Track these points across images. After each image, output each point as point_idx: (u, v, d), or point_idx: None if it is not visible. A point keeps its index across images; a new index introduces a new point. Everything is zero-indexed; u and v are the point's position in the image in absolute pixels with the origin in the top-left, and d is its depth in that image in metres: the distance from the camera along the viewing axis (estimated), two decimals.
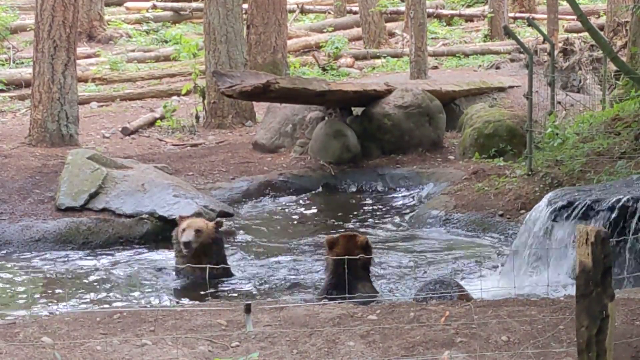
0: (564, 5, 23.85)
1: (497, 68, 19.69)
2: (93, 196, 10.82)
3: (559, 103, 14.21)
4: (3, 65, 22.28)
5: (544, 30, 19.43)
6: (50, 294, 8.64)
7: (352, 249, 7.39)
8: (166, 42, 24.96)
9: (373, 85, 14.43)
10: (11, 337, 5.59)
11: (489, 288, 7.68)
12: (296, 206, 12.28)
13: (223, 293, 8.56)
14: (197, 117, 16.94)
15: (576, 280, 4.21)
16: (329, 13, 28.69)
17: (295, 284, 8.76)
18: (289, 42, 21.51)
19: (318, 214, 11.96)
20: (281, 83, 12.70)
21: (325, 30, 25.62)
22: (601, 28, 18.97)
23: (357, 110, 14.10)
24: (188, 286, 8.82)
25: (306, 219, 11.72)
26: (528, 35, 23.48)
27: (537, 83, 13.30)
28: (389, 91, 13.92)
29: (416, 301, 6.86)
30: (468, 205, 11.05)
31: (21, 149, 14.07)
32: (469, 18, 27.99)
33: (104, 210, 10.70)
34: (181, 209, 10.48)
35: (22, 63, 22.20)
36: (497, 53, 22.13)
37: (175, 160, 13.86)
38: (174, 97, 19.14)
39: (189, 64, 19.98)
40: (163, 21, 27.19)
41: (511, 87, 16.63)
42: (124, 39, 25.20)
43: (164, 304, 7.93)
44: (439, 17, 27.70)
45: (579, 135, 11.47)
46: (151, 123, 17.16)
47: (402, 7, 26.21)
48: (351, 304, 6.44)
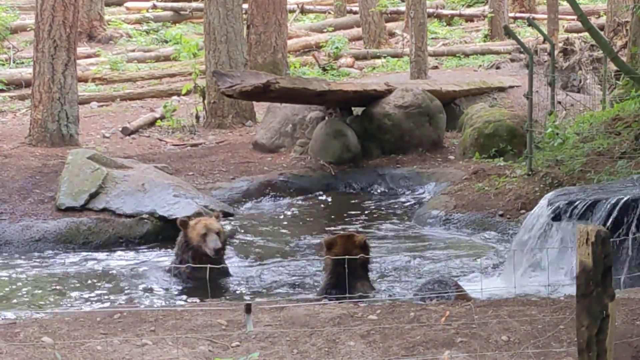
0: (564, 5, 23.84)
1: (498, 68, 19.69)
2: (93, 196, 10.82)
3: (559, 103, 14.20)
4: (3, 65, 22.28)
5: (544, 30, 19.43)
6: (50, 294, 8.64)
7: (351, 249, 7.43)
8: (166, 42, 24.96)
9: (373, 85, 14.43)
10: (11, 337, 5.59)
11: (489, 288, 7.69)
12: (296, 206, 12.28)
13: (223, 293, 8.56)
14: (197, 117, 16.94)
15: (576, 280, 4.21)
16: (329, 13, 28.69)
17: (295, 284, 8.76)
18: (289, 42, 21.50)
19: (318, 214, 11.96)
20: (281, 83, 12.70)
21: (325, 30, 25.62)
22: (601, 28, 18.96)
23: (357, 110, 14.10)
24: (188, 286, 8.82)
25: (306, 219, 11.71)
26: (528, 35, 23.48)
27: (538, 83, 13.30)
28: (389, 91, 13.92)
29: (415, 301, 6.87)
30: (468, 205, 11.05)
31: (21, 149, 14.07)
32: (469, 18, 28.00)
33: (104, 210, 10.70)
34: (181, 209, 10.48)
35: (22, 63, 22.21)
36: (498, 53, 22.13)
37: (175, 160, 13.86)
38: (174, 97, 19.14)
39: (189, 64, 19.98)
40: (163, 21, 27.20)
41: (511, 87, 16.63)
42: (124, 39, 25.20)
43: (165, 304, 7.93)
44: (439, 17, 27.71)
45: (579, 135, 11.46)
46: (151, 123, 17.17)
47: (402, 7, 26.22)
48: (351, 304, 6.44)
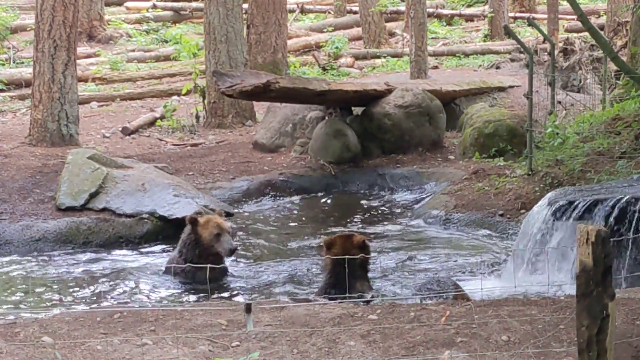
0: (564, 5, 23.85)
1: (497, 68, 19.70)
2: (93, 196, 10.82)
3: (559, 103, 14.21)
4: (3, 65, 22.28)
5: (544, 30, 19.43)
6: (50, 294, 8.63)
7: (350, 249, 7.44)
8: (166, 42, 24.97)
9: (373, 85, 14.43)
10: (12, 337, 5.59)
11: (489, 288, 7.69)
12: (296, 206, 12.28)
13: (223, 293, 8.56)
14: (197, 117, 16.94)
15: (577, 279, 4.21)
16: (329, 13, 28.69)
17: (295, 284, 8.76)
18: (289, 42, 21.51)
19: (318, 214, 11.96)
20: (281, 83, 12.70)
21: (325, 30, 25.62)
22: (601, 28, 18.97)
23: (357, 109, 14.10)
24: (188, 286, 8.82)
25: (306, 219, 11.71)
26: (528, 35, 23.48)
27: (538, 83, 13.31)
28: (389, 91, 13.92)
29: (414, 301, 6.87)
30: (468, 205, 11.05)
31: (21, 149, 14.07)
32: (469, 18, 28.01)
33: (104, 209, 10.69)
34: (181, 209, 10.48)
35: (22, 63, 22.21)
36: (497, 53, 22.13)
37: (175, 159, 13.86)
38: (174, 97, 19.14)
39: (189, 64, 19.98)
40: (163, 21, 27.20)
41: (511, 87, 16.63)
42: (124, 39, 25.21)
43: (165, 304, 7.92)
44: (439, 17, 27.72)
45: (579, 134, 11.46)
46: (151, 123, 17.17)
47: (402, 7, 26.22)
48: (351, 304, 6.44)
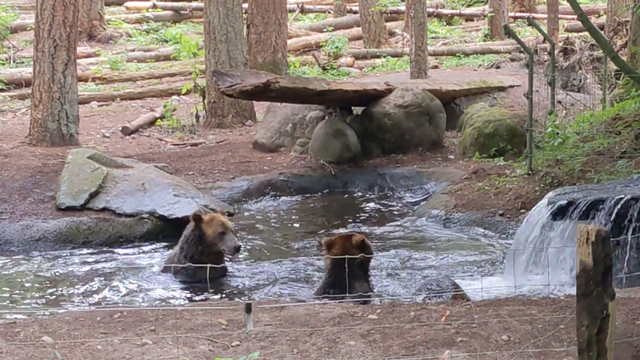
0: (564, 4, 23.85)
1: (498, 67, 19.70)
2: (93, 195, 10.82)
3: (560, 102, 14.21)
4: (3, 64, 22.28)
5: (544, 29, 19.43)
6: (50, 294, 8.63)
7: (349, 249, 7.43)
8: (166, 42, 24.97)
9: (373, 84, 14.43)
10: (12, 337, 5.59)
11: (489, 287, 7.69)
12: (296, 206, 12.28)
13: (223, 292, 8.56)
14: (197, 117, 16.94)
15: (577, 279, 4.21)
16: (329, 12, 28.69)
17: (295, 284, 8.76)
18: (289, 42, 21.50)
19: (318, 214, 11.96)
20: (281, 82, 12.70)
21: (325, 29, 25.62)
22: (601, 27, 18.96)
23: (358, 109, 14.09)
24: (188, 285, 8.82)
25: (306, 219, 11.71)
26: (528, 34, 23.47)
27: (538, 82, 13.30)
28: (389, 90, 13.91)
29: (413, 301, 6.87)
30: (468, 204, 11.05)
31: (21, 149, 14.07)
32: (469, 17, 28.00)
33: (104, 209, 10.69)
34: (181, 209, 10.48)
35: (23, 62, 22.21)
36: (498, 52, 22.13)
37: (175, 159, 13.86)
38: (174, 97, 19.14)
39: (189, 64, 19.97)
40: (163, 20, 27.20)
41: (511, 87, 16.62)
42: (124, 39, 25.20)
43: (165, 304, 7.92)
44: (439, 17, 27.72)
45: (580, 134, 11.46)
46: (151, 122, 17.17)
47: (402, 7, 26.22)
48: (351, 304, 6.44)
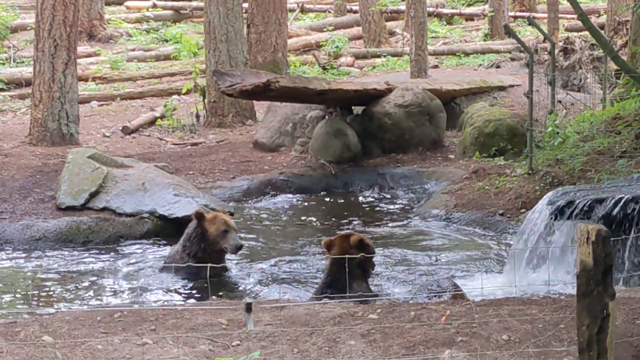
0: (565, 4, 23.83)
1: (498, 67, 19.70)
2: (93, 195, 10.82)
3: (560, 102, 14.20)
4: (3, 64, 22.28)
5: (545, 29, 19.42)
6: (51, 293, 8.63)
7: (348, 249, 7.43)
8: (166, 41, 24.97)
9: (373, 84, 14.43)
10: (12, 336, 5.59)
11: (489, 287, 7.68)
12: (296, 205, 12.28)
13: (224, 292, 8.55)
14: (198, 116, 16.95)
15: (577, 279, 4.21)
16: (329, 12, 28.69)
17: (295, 283, 8.76)
18: (289, 41, 21.50)
19: (318, 213, 11.95)
20: (281, 82, 12.70)
21: (325, 29, 25.62)
22: (602, 27, 18.96)
23: (358, 109, 14.10)
24: (189, 283, 8.82)
25: (306, 218, 11.70)
26: (528, 34, 23.47)
27: (538, 82, 13.30)
28: (390, 90, 13.91)
29: (415, 300, 6.87)
30: (468, 204, 11.05)
31: (22, 148, 14.08)
32: (469, 17, 28.00)
33: (105, 209, 10.69)
34: (182, 208, 10.48)
35: (23, 62, 22.21)
36: (498, 52, 22.12)
37: (175, 159, 13.86)
38: (175, 96, 19.14)
39: (190, 63, 19.97)
40: (163, 20, 27.20)
41: (511, 86, 16.62)
42: (124, 38, 25.20)
43: (165, 303, 7.92)
44: (439, 16, 27.71)
45: (580, 134, 11.46)
46: (151, 122, 17.17)
47: (403, 6, 26.22)
48: (352, 303, 6.44)
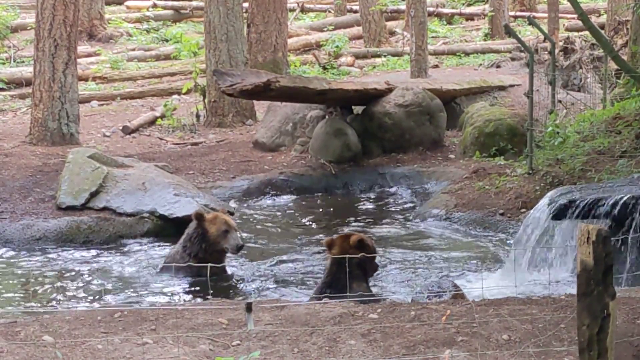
0: (565, 4, 23.82)
1: (498, 67, 19.68)
2: (94, 195, 10.82)
3: (560, 102, 14.20)
4: (4, 64, 22.28)
5: (545, 29, 19.42)
6: (51, 293, 8.63)
7: (347, 249, 7.43)
8: (167, 41, 24.96)
9: (373, 84, 14.43)
10: (12, 336, 5.58)
11: (490, 287, 7.68)
12: (296, 205, 12.28)
13: (224, 292, 8.55)
14: (198, 116, 16.95)
15: (577, 278, 4.21)
16: (330, 12, 28.69)
17: (295, 283, 8.76)
18: (290, 41, 21.50)
19: (318, 213, 11.95)
20: (282, 82, 12.70)
21: (325, 29, 25.62)
22: (602, 27, 18.94)
23: (358, 109, 14.10)
24: (189, 284, 8.82)
25: (307, 218, 11.71)
26: (529, 34, 23.47)
27: (538, 82, 13.29)
28: (390, 90, 13.91)
29: (415, 300, 6.87)
30: (469, 204, 11.05)
31: (22, 148, 14.07)
32: (470, 17, 28.00)
33: (105, 209, 10.70)
34: (182, 208, 10.48)
35: (23, 62, 22.21)
36: (498, 52, 22.12)
37: (175, 159, 13.86)
38: (175, 96, 19.13)
39: (190, 63, 19.97)
40: (163, 20, 27.20)
41: (512, 86, 16.62)
42: (125, 38, 25.20)
43: (165, 303, 7.92)
44: (440, 16, 27.72)
45: (580, 134, 11.46)
46: (152, 122, 17.16)
47: (403, 6, 26.22)
48: (352, 303, 6.44)
